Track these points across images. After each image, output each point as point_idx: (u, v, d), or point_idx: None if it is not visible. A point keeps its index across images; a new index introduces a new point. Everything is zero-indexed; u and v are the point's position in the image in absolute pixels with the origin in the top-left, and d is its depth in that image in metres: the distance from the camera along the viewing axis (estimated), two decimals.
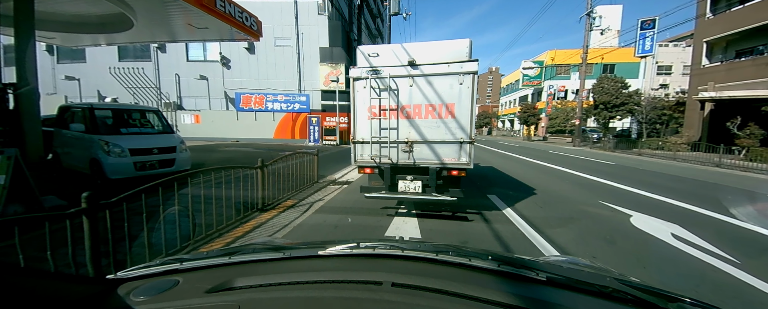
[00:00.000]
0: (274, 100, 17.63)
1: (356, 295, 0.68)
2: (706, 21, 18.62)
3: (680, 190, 6.26)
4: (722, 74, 17.27)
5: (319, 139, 17.02)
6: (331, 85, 17.12)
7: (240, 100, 17.83)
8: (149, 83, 19.92)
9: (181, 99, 19.88)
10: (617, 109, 16.81)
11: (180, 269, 0.84)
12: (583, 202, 5.14)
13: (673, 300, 0.77)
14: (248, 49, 18.62)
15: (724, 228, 3.95)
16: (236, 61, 18.93)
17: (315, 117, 16.91)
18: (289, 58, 18.41)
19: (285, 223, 3.79)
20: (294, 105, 17.59)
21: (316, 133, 17.02)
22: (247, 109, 17.86)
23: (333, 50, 17.95)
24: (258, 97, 17.70)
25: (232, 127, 18.11)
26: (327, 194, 5.42)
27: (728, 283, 2.52)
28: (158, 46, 19.69)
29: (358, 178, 7.17)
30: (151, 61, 20.12)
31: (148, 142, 5.91)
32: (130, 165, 5.57)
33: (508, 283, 0.75)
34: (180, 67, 19.56)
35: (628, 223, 4.03)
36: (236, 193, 3.71)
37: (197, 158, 9.60)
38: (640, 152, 15.07)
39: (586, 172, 8.26)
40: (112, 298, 0.71)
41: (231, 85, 19.02)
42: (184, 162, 6.32)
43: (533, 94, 39.44)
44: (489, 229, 3.61)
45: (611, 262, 2.78)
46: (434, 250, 0.96)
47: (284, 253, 0.94)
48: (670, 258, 2.99)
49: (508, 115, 48.49)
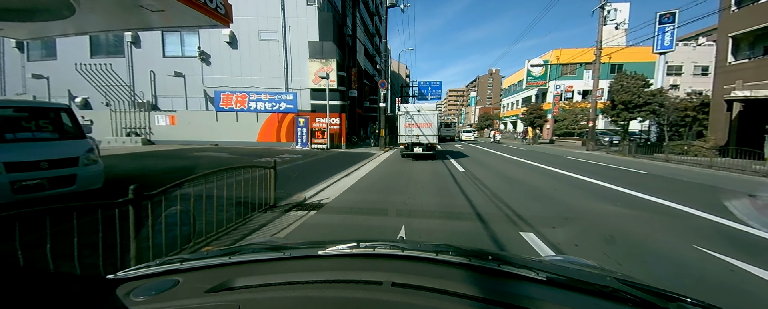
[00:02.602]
0: (258, 100, 15.90)
1: (356, 295, 0.68)
2: (730, 15, 17.01)
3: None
4: (751, 72, 15.64)
5: (308, 142, 15.29)
6: (321, 82, 15.40)
7: (220, 99, 16.08)
8: (119, 81, 18.14)
9: (156, 98, 18.12)
10: (639, 110, 15.13)
11: (180, 269, 0.84)
12: (673, 247, 3.40)
13: (674, 300, 0.76)
14: (230, 44, 16.90)
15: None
16: (217, 56, 17.20)
17: (303, 118, 15.18)
18: (275, 53, 16.70)
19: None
20: (280, 105, 15.85)
21: (304, 136, 15.29)
22: (227, 110, 16.12)
23: (323, 45, 16.26)
24: (240, 96, 15.96)
25: (211, 129, 16.35)
26: (276, 231, 3.64)
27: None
28: (132, 40, 17.99)
29: (338, 197, 5.45)
30: (125, 56, 18.40)
31: (35, 153, 4.16)
32: (4, 185, 3.83)
33: (508, 283, 0.76)
34: (155, 63, 17.81)
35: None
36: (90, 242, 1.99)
37: (137, 168, 7.83)
38: (667, 158, 13.39)
39: (628, 187, 6.54)
40: (111, 298, 0.71)
41: (211, 83, 17.28)
42: (92, 179, 4.56)
43: (538, 95, 37.86)
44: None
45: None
46: (434, 249, 0.97)
47: (284, 253, 0.94)
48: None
49: (510, 117, 46.90)
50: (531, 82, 35.64)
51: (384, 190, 6.32)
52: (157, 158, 10.29)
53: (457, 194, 5.74)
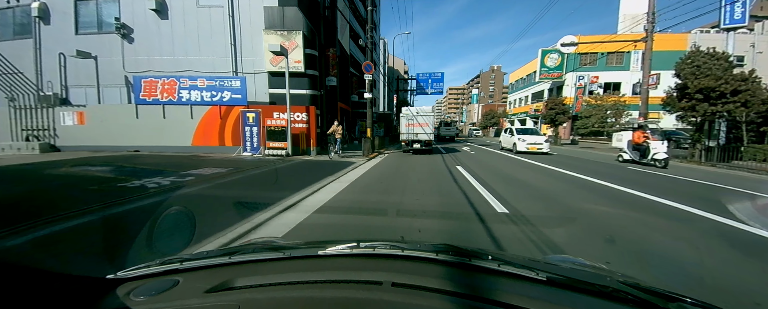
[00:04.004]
0: (192, 87, 11.35)
1: (356, 295, 0.68)
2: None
3: None
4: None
5: (260, 145, 10.76)
6: (283, 64, 10.87)
7: (141, 87, 11.53)
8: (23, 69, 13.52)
9: (67, 89, 13.55)
10: (724, 101, 10.71)
11: (180, 269, 0.83)
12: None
13: (674, 300, 0.74)
14: (158, 12, 12.32)
15: None
16: (142, 30, 12.64)
17: (253, 112, 10.64)
18: (218, 23, 12.16)
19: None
20: (222, 94, 11.31)
21: (255, 138, 10.76)
22: (150, 102, 11.56)
23: (284, 11, 11.73)
24: (167, 83, 11.41)
25: (131, 129, 11.78)
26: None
27: None
28: (39, 14, 13.41)
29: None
30: (32, 36, 13.84)
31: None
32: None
33: (508, 283, 0.76)
34: (68, 42, 13.20)
35: None
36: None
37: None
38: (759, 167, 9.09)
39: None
40: (111, 298, 0.70)
41: (135, 67, 12.72)
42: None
43: (551, 89, 33.48)
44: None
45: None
46: (434, 250, 0.94)
47: (284, 253, 0.92)
48: None
49: (518, 115, 42.51)
50: (545, 73, 31.23)
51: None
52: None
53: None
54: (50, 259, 2.45)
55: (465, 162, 9.85)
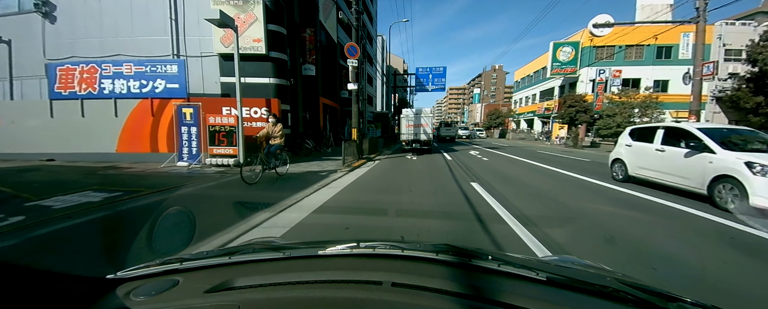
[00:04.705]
0: (116, 75, 8.63)
1: (356, 295, 0.67)
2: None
3: None
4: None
5: (201, 151, 8.01)
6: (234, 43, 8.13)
7: (56, 77, 8.85)
8: None
9: None
10: None
11: (180, 269, 0.82)
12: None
13: (673, 300, 0.74)
14: None
15: None
16: (66, 7, 9.97)
17: (190, 107, 7.90)
18: None
19: None
20: (155, 83, 8.57)
21: (194, 142, 8.01)
22: (67, 95, 8.87)
23: None
24: (87, 71, 8.72)
25: (46, 131, 9.07)
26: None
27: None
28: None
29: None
30: None
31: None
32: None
33: (508, 283, 0.75)
34: None
35: None
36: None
37: None
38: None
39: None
40: (111, 298, 0.70)
41: (57, 53, 10.05)
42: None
43: (563, 86, 30.65)
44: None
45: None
46: (434, 250, 0.94)
47: (284, 253, 0.91)
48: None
49: (525, 114, 39.65)
50: (557, 68, 28.41)
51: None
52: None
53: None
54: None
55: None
